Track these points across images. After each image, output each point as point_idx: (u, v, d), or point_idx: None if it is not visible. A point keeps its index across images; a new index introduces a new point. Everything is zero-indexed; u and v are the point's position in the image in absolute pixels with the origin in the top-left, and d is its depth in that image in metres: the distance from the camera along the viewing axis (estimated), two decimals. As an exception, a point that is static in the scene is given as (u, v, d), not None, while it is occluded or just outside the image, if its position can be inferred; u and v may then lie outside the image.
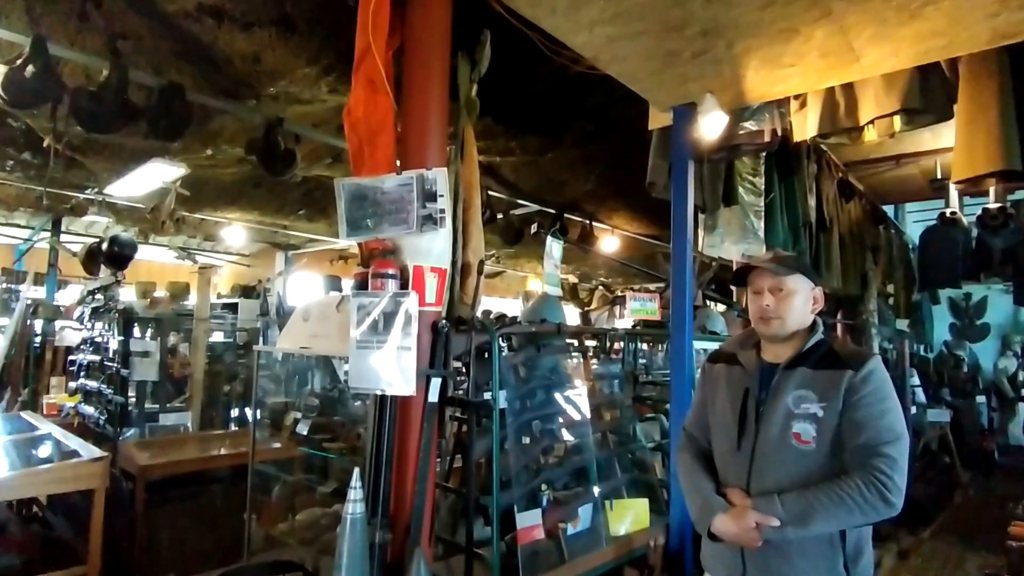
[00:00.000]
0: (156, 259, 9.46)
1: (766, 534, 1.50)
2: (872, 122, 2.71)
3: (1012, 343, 8.93)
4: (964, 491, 6.51)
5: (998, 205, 4.28)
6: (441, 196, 2.03)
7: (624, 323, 4.98)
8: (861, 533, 1.56)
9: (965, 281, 5.98)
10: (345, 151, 2.33)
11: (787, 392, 1.59)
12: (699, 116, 2.59)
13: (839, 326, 5.89)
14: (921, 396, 6.94)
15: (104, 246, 5.10)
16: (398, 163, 2.15)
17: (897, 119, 2.65)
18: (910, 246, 6.87)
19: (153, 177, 4.65)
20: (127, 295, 6.24)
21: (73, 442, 3.86)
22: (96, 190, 5.27)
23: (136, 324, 4.94)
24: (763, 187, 3.69)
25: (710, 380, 1.81)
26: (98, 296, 5.15)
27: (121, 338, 4.48)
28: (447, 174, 2.06)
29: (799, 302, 1.63)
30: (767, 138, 2.87)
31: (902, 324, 6.77)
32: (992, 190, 4.33)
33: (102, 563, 3.35)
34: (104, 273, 5.32)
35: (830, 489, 1.47)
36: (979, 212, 4.41)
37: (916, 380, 6.98)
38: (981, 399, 8.03)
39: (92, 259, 5.43)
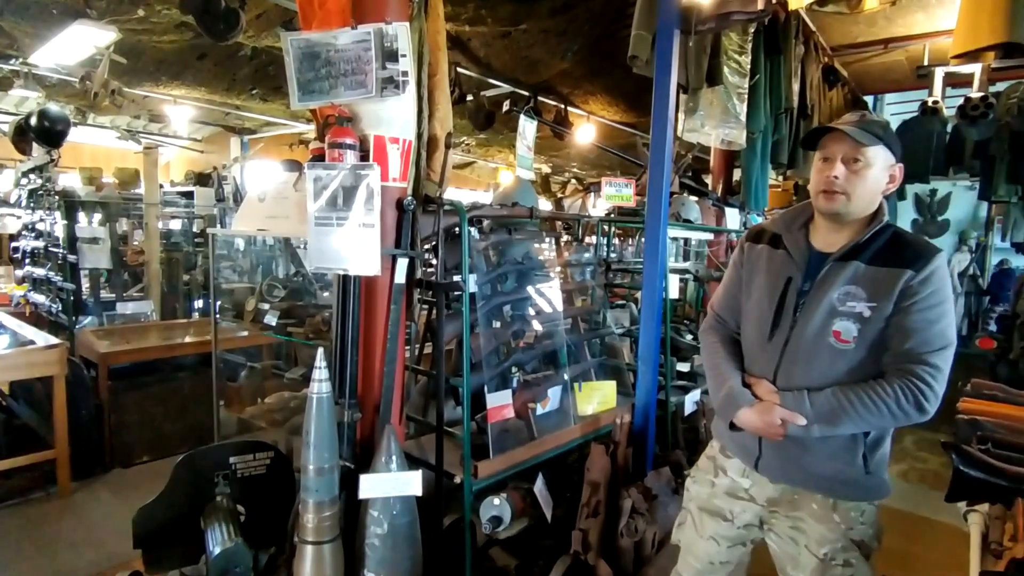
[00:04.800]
0: (101, 143, 8.83)
1: (791, 430, 1.44)
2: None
3: (968, 239, 9.23)
4: (906, 376, 6.94)
5: (981, 94, 4.17)
6: (403, 56, 1.81)
7: (598, 212, 4.89)
8: (883, 428, 1.50)
9: (934, 176, 6.01)
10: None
11: (835, 287, 1.43)
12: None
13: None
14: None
15: (33, 121, 4.65)
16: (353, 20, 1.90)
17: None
18: (885, 139, 6.79)
19: (82, 42, 4.16)
20: (72, 181, 5.83)
21: (28, 330, 3.73)
22: (20, 60, 4.73)
23: (81, 209, 4.64)
24: (748, 68, 3.49)
25: (748, 261, 1.62)
26: (33, 177, 4.78)
27: (65, 223, 4.20)
28: (409, 30, 1.83)
29: (873, 178, 1.41)
30: (760, 5, 2.65)
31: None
32: (977, 78, 4.21)
33: (72, 448, 3.36)
34: (38, 152, 4.90)
35: (864, 392, 1.38)
36: (960, 103, 4.30)
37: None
38: (932, 292, 8.38)
39: (22, 136, 4.97)
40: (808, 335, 1.45)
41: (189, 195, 6.64)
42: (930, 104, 4.62)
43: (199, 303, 5.75)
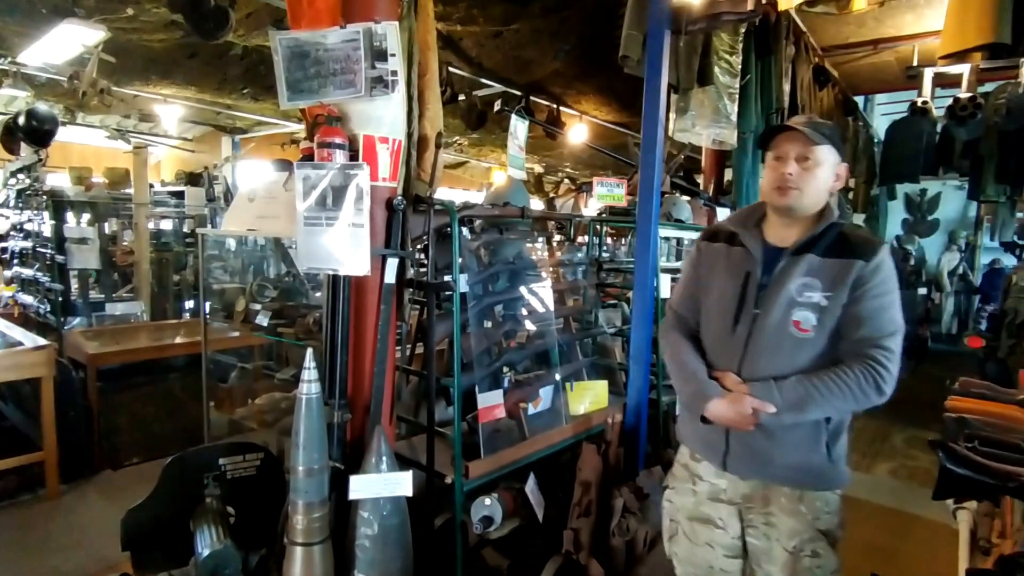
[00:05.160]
0: (90, 143, 8.76)
1: (762, 420, 1.47)
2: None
3: (957, 238, 9.31)
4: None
5: (969, 95, 4.21)
6: (392, 55, 1.80)
7: (590, 212, 4.89)
8: (842, 415, 1.55)
9: (924, 176, 6.04)
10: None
11: (792, 279, 1.50)
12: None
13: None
14: (868, 288, 7.22)
15: (21, 120, 4.60)
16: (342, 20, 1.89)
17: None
18: (875, 140, 6.84)
19: (71, 42, 4.13)
20: (61, 181, 5.78)
21: (15, 332, 3.69)
22: (8, 59, 4.69)
23: (70, 209, 4.60)
24: (739, 68, 3.50)
25: (706, 259, 1.68)
26: (21, 177, 4.73)
27: (53, 223, 4.17)
28: (398, 29, 1.83)
29: (823, 175, 1.50)
30: (750, 6, 2.66)
31: (859, 218, 6.90)
32: (965, 79, 4.25)
33: (61, 450, 3.33)
34: (26, 152, 4.86)
35: (828, 378, 1.44)
36: (949, 103, 4.34)
37: (865, 272, 7.23)
38: (923, 291, 8.46)
39: (10, 136, 4.92)
40: (770, 326, 1.51)
41: (180, 195, 6.59)
42: (919, 104, 4.67)
43: (189, 303, 5.71)
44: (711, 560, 1.67)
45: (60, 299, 4.45)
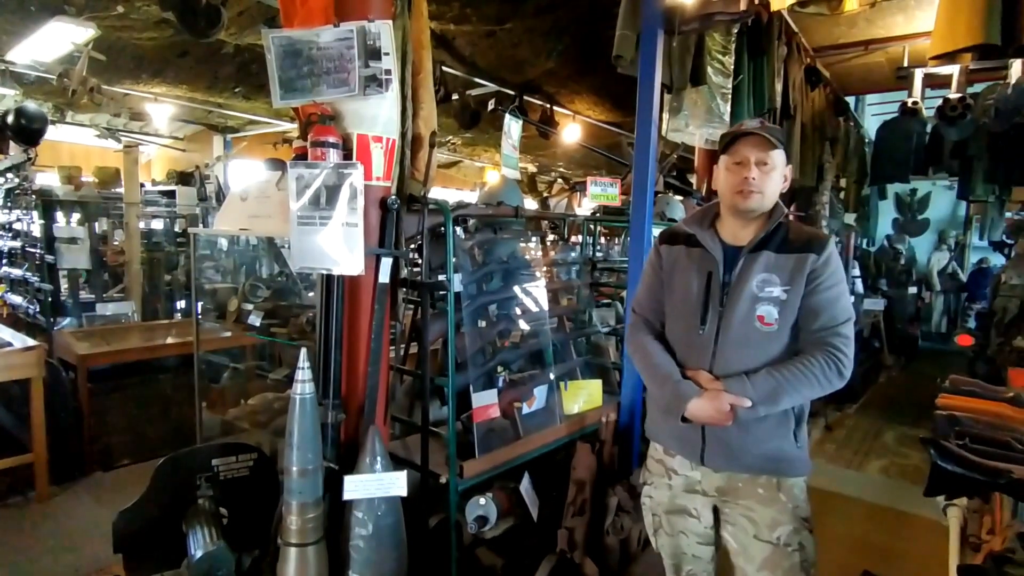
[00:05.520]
0: (80, 141, 8.68)
1: (740, 414, 1.52)
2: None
3: (947, 238, 9.39)
4: (888, 372, 7.06)
5: (959, 96, 4.24)
6: (386, 54, 1.80)
7: (583, 211, 4.90)
8: (804, 403, 1.63)
9: (914, 176, 6.10)
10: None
11: (752, 275, 1.57)
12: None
13: (792, 217, 5.97)
14: (860, 286, 7.29)
15: (10, 119, 4.56)
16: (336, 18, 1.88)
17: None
18: (866, 140, 6.89)
19: (60, 39, 4.10)
20: (50, 180, 5.73)
21: (4, 332, 3.66)
22: (-4, 57, 4.64)
23: (59, 208, 4.56)
24: (732, 68, 3.52)
25: (667, 262, 1.74)
26: (10, 176, 4.69)
27: (42, 222, 4.13)
28: (392, 28, 1.82)
29: (777, 178, 1.59)
30: (742, 6, 2.67)
31: (850, 218, 6.95)
32: (955, 80, 4.29)
33: (51, 452, 3.30)
34: (15, 151, 4.81)
35: (795, 367, 1.51)
36: (939, 104, 4.37)
37: (857, 271, 7.30)
38: (913, 290, 8.53)
39: (-1, 135, 4.87)
40: (736, 322, 1.57)
41: (171, 194, 6.55)
42: (910, 105, 4.70)
43: (181, 304, 5.68)
44: (684, 547, 1.74)
45: (50, 299, 4.41)
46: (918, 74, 4.57)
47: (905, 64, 4.59)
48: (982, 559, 1.44)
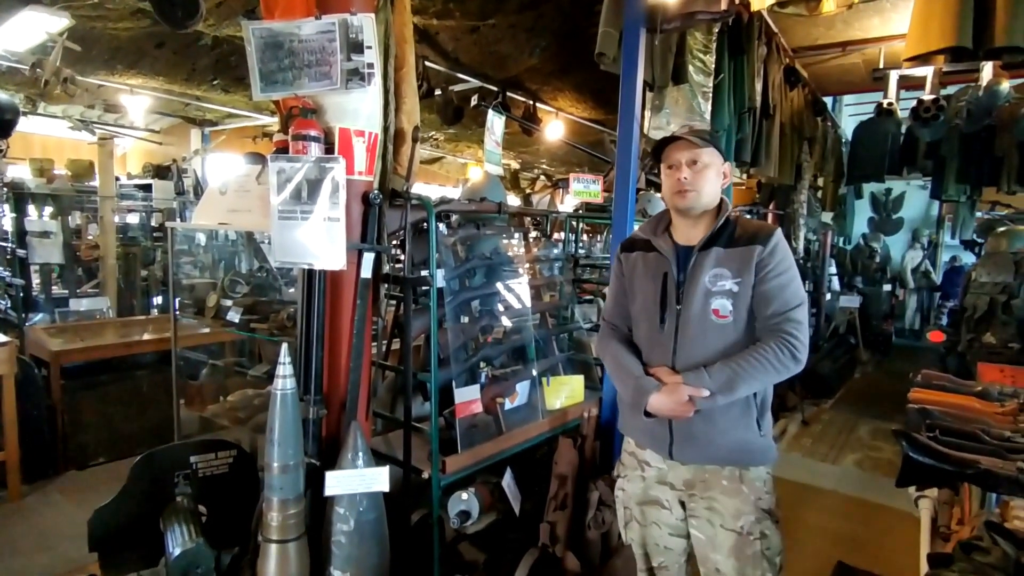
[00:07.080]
0: (52, 133, 8.47)
1: (699, 404, 1.59)
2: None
3: (921, 236, 9.60)
4: (863, 368, 7.20)
5: (932, 97, 4.33)
6: (369, 48, 1.79)
7: (566, 208, 4.92)
8: (765, 393, 1.69)
9: (889, 176, 6.22)
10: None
11: (704, 272, 1.64)
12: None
13: (771, 215, 6.07)
14: (836, 284, 7.42)
15: (-20, 110, 4.43)
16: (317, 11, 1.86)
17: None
18: (843, 140, 7.01)
19: (33, 29, 3.99)
20: (21, 172, 5.58)
21: (-27, 328, 3.57)
22: (-36, 45, 4.50)
23: (31, 201, 4.46)
24: (713, 67, 3.55)
25: (627, 269, 1.83)
26: (-20, 168, 4.56)
27: (14, 216, 4.03)
28: (375, 22, 1.81)
29: (712, 176, 1.67)
30: (724, 6, 2.70)
31: (827, 216, 7.07)
32: (929, 81, 4.37)
33: (23, 450, 3.23)
34: (-15, 143, 4.68)
35: (749, 356, 1.58)
36: (913, 105, 4.46)
37: (833, 269, 7.43)
38: (888, 287, 8.71)
39: (-32, 126, 4.72)
40: (692, 318, 1.64)
41: (147, 188, 6.42)
42: (885, 106, 4.78)
43: (158, 299, 5.59)
44: (657, 538, 1.78)
45: (21, 294, 4.32)
46: (893, 76, 4.66)
47: (881, 66, 4.68)
48: (951, 548, 1.48)
